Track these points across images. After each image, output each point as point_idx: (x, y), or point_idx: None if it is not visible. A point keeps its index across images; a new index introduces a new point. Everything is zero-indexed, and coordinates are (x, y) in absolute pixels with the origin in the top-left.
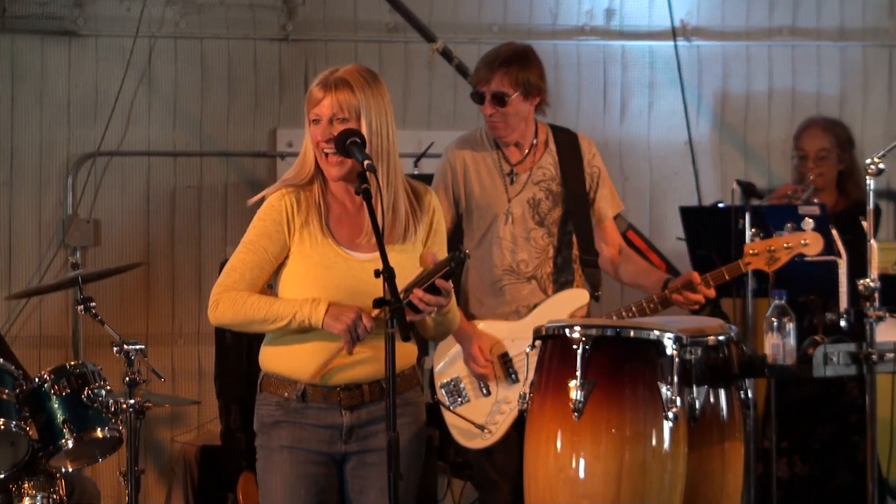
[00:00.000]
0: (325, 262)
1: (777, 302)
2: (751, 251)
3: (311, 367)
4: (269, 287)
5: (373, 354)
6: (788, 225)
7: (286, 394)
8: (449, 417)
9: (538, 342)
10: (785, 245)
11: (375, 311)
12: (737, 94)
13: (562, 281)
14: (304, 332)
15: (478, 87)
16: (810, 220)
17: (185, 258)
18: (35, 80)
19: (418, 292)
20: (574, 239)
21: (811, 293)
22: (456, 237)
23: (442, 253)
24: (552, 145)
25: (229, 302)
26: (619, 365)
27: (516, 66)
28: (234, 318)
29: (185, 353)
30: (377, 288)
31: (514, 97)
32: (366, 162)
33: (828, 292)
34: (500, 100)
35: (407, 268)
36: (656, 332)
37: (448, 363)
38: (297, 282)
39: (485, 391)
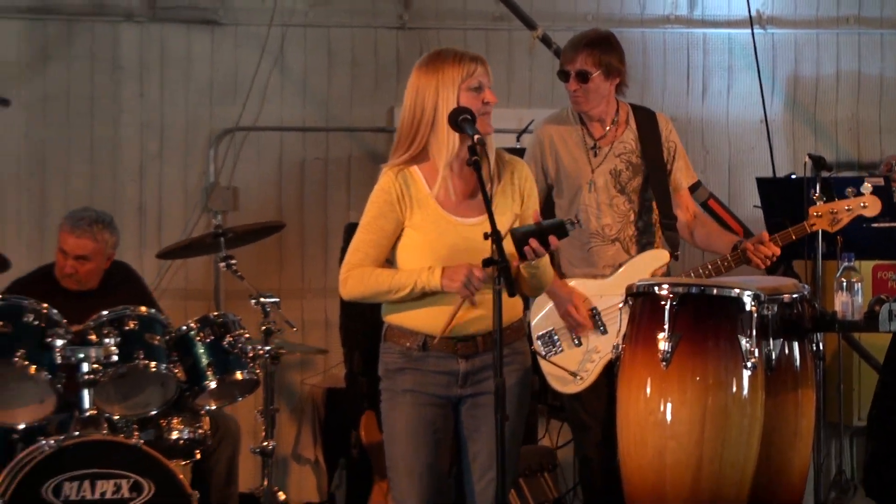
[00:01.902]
0: (437, 229)
1: (846, 264)
2: (815, 213)
3: (437, 322)
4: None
5: (485, 309)
6: (850, 190)
7: (408, 343)
8: (545, 366)
9: (630, 299)
10: (846, 207)
11: (487, 270)
12: (807, 77)
13: (643, 242)
14: (423, 295)
15: (564, 65)
16: (869, 185)
17: (313, 222)
18: (181, 64)
19: (532, 245)
20: (654, 205)
21: (877, 257)
22: (547, 205)
23: (529, 219)
24: (632, 122)
25: (357, 279)
26: (703, 319)
27: (599, 49)
28: (362, 292)
29: (314, 306)
30: (485, 247)
31: (595, 75)
32: (476, 136)
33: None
34: (583, 77)
35: (504, 227)
36: (737, 290)
37: (543, 317)
38: (413, 249)
39: (577, 342)
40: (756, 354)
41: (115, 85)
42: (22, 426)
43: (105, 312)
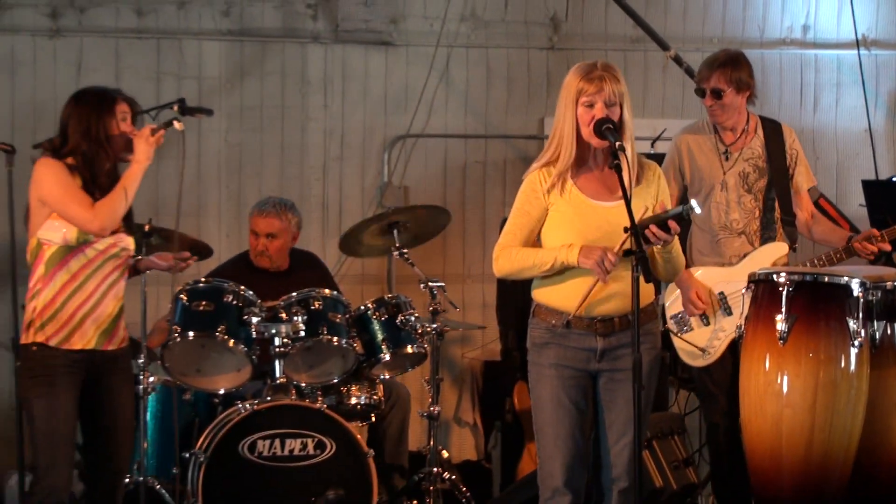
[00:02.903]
0: (578, 211)
1: None
2: None
3: (574, 300)
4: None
5: (622, 293)
6: None
7: (554, 321)
8: (677, 342)
9: (752, 285)
10: None
11: (619, 249)
12: None
13: (766, 236)
14: (564, 272)
15: (700, 84)
16: None
17: (473, 216)
18: (360, 79)
19: (652, 229)
20: (776, 204)
21: None
22: (682, 203)
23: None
24: (760, 131)
25: (505, 257)
26: (816, 303)
27: (730, 67)
28: (510, 268)
29: (473, 289)
30: (619, 228)
31: (728, 91)
32: (618, 143)
33: None
34: (717, 94)
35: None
36: (846, 278)
37: (675, 300)
38: (557, 229)
39: (705, 322)
40: (862, 334)
41: (302, 97)
42: (222, 391)
43: (294, 294)
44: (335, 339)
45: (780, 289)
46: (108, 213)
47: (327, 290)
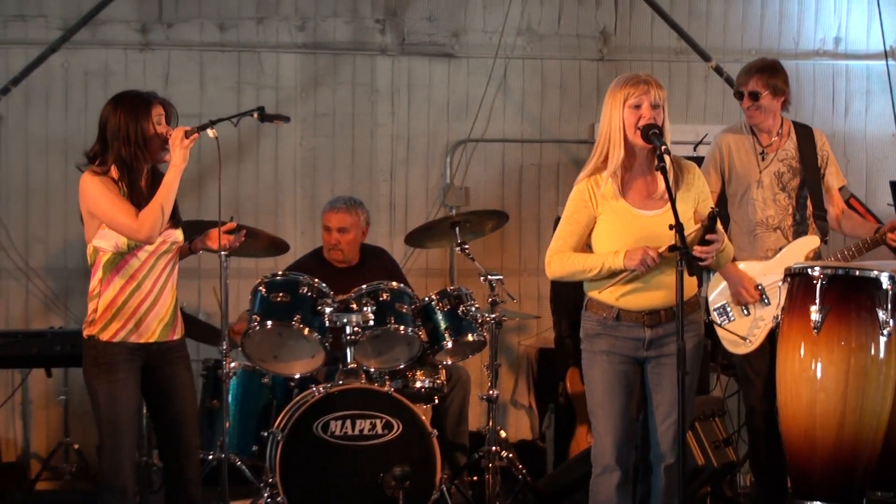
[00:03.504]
0: (624, 220)
1: None
2: None
3: (623, 296)
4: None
5: (667, 287)
6: None
7: (604, 314)
8: (719, 332)
9: (788, 278)
10: None
11: (664, 250)
12: None
13: (799, 231)
14: (611, 276)
15: (739, 87)
16: None
17: (528, 215)
18: (424, 88)
19: (698, 249)
20: (808, 201)
21: None
22: (722, 200)
23: (703, 212)
24: (793, 135)
25: (557, 261)
26: (848, 295)
27: (767, 73)
28: (562, 272)
29: (528, 282)
30: (663, 235)
31: (764, 95)
32: (663, 147)
33: None
34: (754, 97)
35: (683, 220)
36: (876, 272)
37: (718, 294)
38: (605, 237)
39: (745, 312)
40: (891, 323)
41: (371, 105)
42: (297, 376)
43: (364, 286)
44: (402, 327)
45: (815, 282)
46: (152, 221)
47: (395, 283)
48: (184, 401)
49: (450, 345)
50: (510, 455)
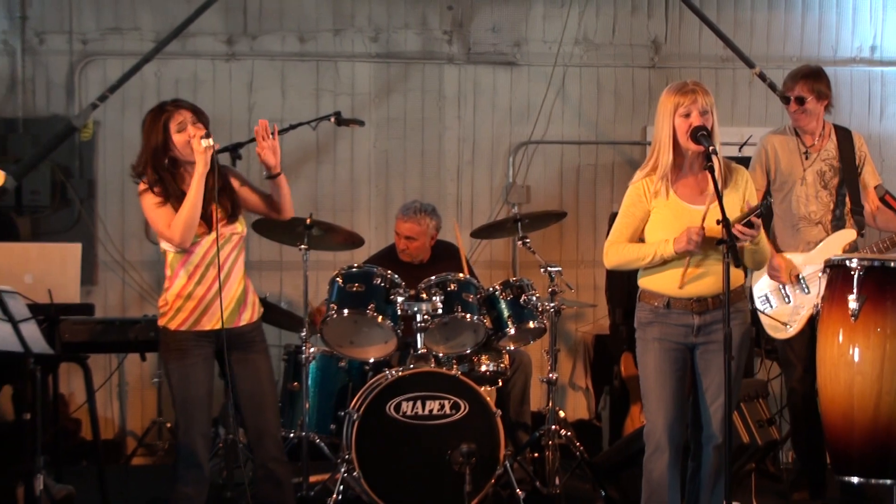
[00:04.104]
0: (675, 213)
1: None
2: None
3: (672, 285)
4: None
5: (715, 277)
6: None
7: (656, 303)
8: (763, 318)
9: (828, 270)
10: None
11: (702, 224)
12: None
13: (838, 225)
14: (663, 263)
15: (786, 92)
16: None
17: (585, 210)
18: (489, 94)
19: (738, 226)
20: (847, 198)
21: None
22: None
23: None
24: (834, 136)
25: (614, 251)
26: (883, 285)
27: (812, 79)
28: (618, 261)
29: (585, 273)
30: (709, 227)
31: (809, 99)
32: (710, 147)
33: None
34: (800, 101)
35: (731, 216)
36: None
37: (762, 283)
38: (657, 228)
39: (787, 300)
40: None
41: (439, 110)
42: (372, 360)
43: (433, 277)
44: (468, 315)
45: (852, 273)
46: (180, 229)
47: (461, 275)
48: (260, 382)
49: (513, 331)
50: (569, 433)
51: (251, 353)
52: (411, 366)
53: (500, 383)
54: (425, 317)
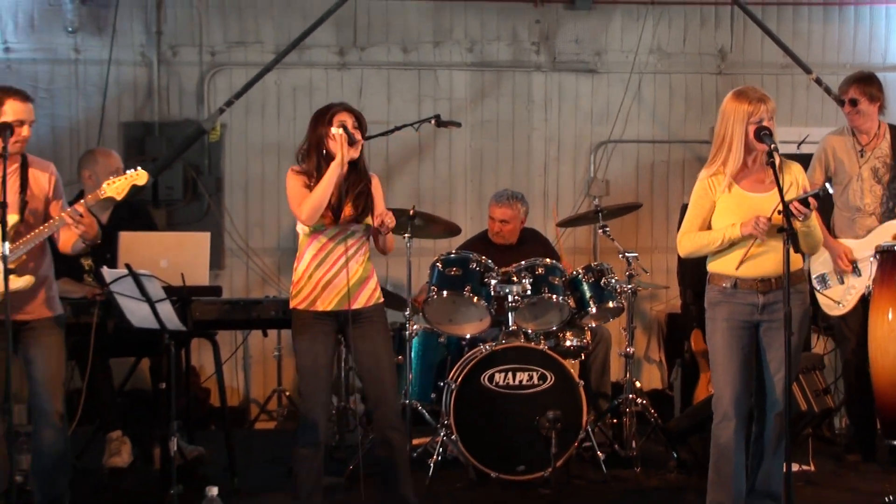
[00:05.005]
0: (738, 200)
1: None
2: None
3: (744, 268)
4: None
5: (777, 261)
6: None
7: (724, 284)
8: (819, 297)
9: (879, 254)
10: None
11: (772, 214)
12: None
13: (890, 216)
14: (730, 247)
15: (842, 95)
16: None
17: (658, 202)
18: (572, 98)
19: (795, 203)
20: None
21: None
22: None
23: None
24: (888, 136)
25: (687, 240)
26: None
27: (864, 83)
28: (691, 248)
29: (659, 258)
30: (767, 211)
31: (862, 101)
32: (772, 145)
33: None
34: (854, 103)
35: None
36: None
37: (818, 265)
38: (722, 214)
39: (840, 281)
40: None
41: (527, 113)
42: (468, 336)
43: (523, 262)
44: (554, 296)
45: None
46: (308, 208)
47: (548, 260)
48: (379, 357)
49: (594, 310)
50: (644, 402)
51: (371, 332)
52: (503, 341)
53: (583, 357)
54: (516, 297)
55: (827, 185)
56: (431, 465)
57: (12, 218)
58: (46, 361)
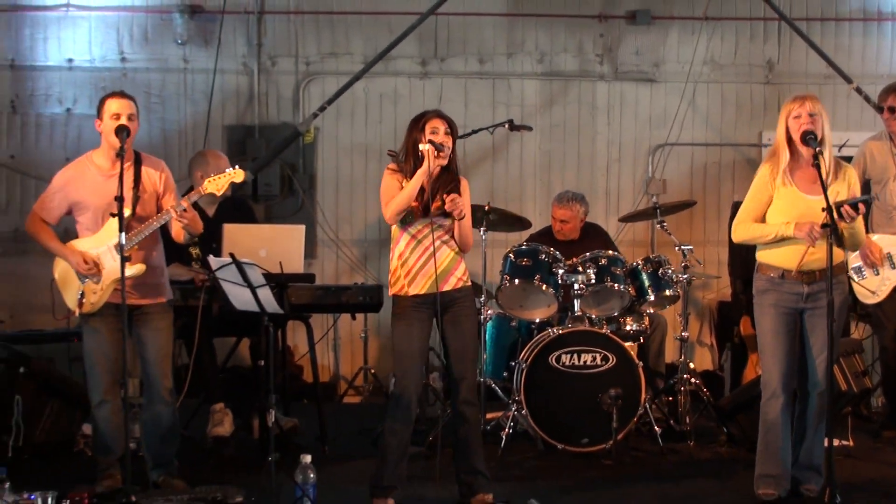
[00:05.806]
0: (792, 200)
1: None
2: None
3: (786, 259)
4: None
5: (822, 254)
6: None
7: (772, 274)
8: (854, 286)
9: None
10: None
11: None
12: None
13: None
14: (780, 241)
15: (880, 103)
16: None
17: (710, 200)
18: (632, 105)
19: (846, 206)
20: None
21: None
22: (865, 189)
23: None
24: None
25: (742, 228)
26: None
27: None
28: (745, 236)
29: (711, 251)
30: (820, 215)
31: None
32: (817, 149)
33: None
34: (892, 110)
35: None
36: None
37: (855, 256)
38: (777, 211)
39: (875, 272)
40: None
41: (592, 118)
42: (537, 320)
43: (587, 254)
44: (616, 285)
45: None
46: (392, 208)
47: (610, 252)
48: (465, 339)
49: (652, 298)
50: (697, 381)
51: (460, 315)
52: (569, 325)
53: (642, 340)
54: (581, 286)
55: (876, 195)
56: (503, 437)
57: (126, 211)
58: (157, 343)
